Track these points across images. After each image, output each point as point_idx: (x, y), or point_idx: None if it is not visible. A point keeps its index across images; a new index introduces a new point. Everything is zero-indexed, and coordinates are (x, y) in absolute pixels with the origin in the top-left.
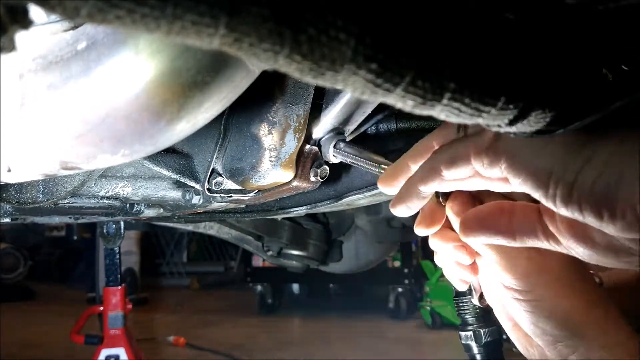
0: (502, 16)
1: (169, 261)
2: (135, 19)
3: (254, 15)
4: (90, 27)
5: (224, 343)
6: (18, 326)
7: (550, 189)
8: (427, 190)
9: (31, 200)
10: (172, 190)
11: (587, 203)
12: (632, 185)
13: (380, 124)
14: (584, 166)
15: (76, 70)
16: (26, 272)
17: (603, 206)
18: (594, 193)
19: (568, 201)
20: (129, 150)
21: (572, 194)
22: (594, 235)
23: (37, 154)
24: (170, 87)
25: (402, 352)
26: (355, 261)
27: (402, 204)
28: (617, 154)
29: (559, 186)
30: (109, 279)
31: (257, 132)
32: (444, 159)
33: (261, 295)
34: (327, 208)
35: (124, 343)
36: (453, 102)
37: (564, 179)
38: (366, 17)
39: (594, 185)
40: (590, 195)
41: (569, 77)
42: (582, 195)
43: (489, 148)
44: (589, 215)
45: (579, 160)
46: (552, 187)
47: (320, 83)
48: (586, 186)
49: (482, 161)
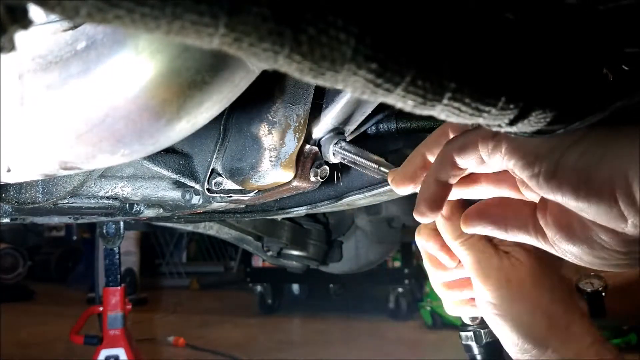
0: (502, 16)
1: (168, 261)
2: (134, 19)
3: (253, 15)
4: (89, 27)
5: (223, 343)
6: (18, 326)
7: (535, 167)
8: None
9: (31, 201)
10: (171, 191)
11: (567, 179)
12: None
13: (380, 124)
14: (569, 147)
15: (75, 70)
16: (25, 272)
17: (581, 182)
18: (574, 170)
19: (550, 179)
20: (128, 150)
21: (555, 173)
22: (575, 227)
23: (36, 154)
24: (169, 87)
25: (402, 352)
26: (355, 261)
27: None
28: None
29: (543, 164)
30: (109, 279)
31: (257, 132)
32: (457, 145)
33: (261, 295)
34: (327, 208)
35: (123, 343)
36: (453, 102)
37: (549, 158)
38: (366, 17)
39: (575, 163)
40: (571, 172)
41: (569, 77)
42: (564, 172)
43: (494, 134)
44: (567, 192)
45: (565, 143)
46: (537, 165)
47: (320, 83)
48: (568, 164)
49: (488, 146)
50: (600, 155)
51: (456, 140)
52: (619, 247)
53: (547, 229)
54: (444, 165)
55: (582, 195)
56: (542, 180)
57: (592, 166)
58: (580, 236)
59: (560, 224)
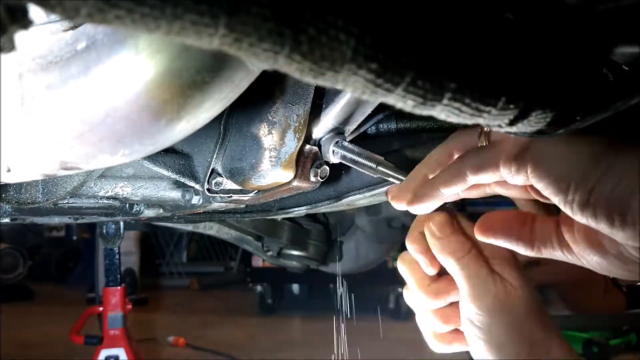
0: (502, 16)
1: (168, 261)
2: (135, 19)
3: (253, 15)
4: (89, 27)
5: (223, 343)
6: (18, 326)
7: (569, 195)
8: (448, 192)
9: (30, 201)
10: (171, 191)
11: (601, 209)
12: None
13: (380, 124)
14: (601, 177)
15: (76, 70)
16: (26, 272)
17: (616, 213)
18: (609, 201)
19: (584, 207)
20: (128, 150)
21: (588, 201)
22: (605, 244)
23: (36, 154)
24: (169, 87)
25: (402, 352)
26: (355, 261)
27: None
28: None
29: (577, 193)
30: (109, 279)
31: (257, 132)
32: (472, 165)
33: (261, 295)
34: (327, 208)
35: (123, 343)
36: (453, 102)
37: (583, 186)
38: (366, 17)
39: (609, 194)
40: (606, 203)
41: (570, 77)
42: (598, 202)
43: (518, 156)
44: (601, 221)
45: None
46: (571, 193)
47: (320, 83)
48: (602, 194)
49: (510, 168)
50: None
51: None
52: None
53: (574, 245)
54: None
55: (617, 224)
56: (577, 208)
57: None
58: (612, 253)
59: (591, 242)
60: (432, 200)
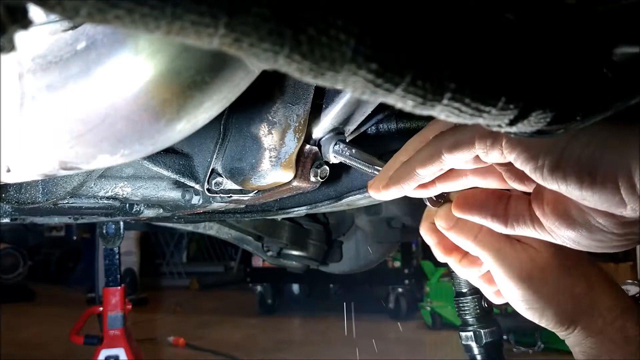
0: (502, 16)
1: (168, 261)
2: (134, 19)
3: (253, 15)
4: (89, 27)
5: (223, 343)
6: (18, 326)
7: (539, 160)
8: (424, 173)
9: (30, 201)
10: (171, 191)
11: (571, 169)
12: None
13: (380, 124)
14: (571, 140)
15: (75, 70)
16: (26, 272)
17: (585, 173)
18: (578, 161)
19: (554, 170)
20: (128, 150)
21: (558, 164)
22: (573, 213)
23: (36, 154)
24: (169, 87)
25: (402, 352)
26: (355, 261)
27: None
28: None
29: (547, 157)
30: (109, 279)
31: (257, 132)
32: (447, 143)
33: (261, 295)
34: (327, 208)
35: (123, 343)
36: (453, 102)
37: (553, 150)
38: (366, 17)
39: (579, 155)
40: (575, 163)
41: (570, 77)
42: (568, 163)
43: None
44: (571, 182)
45: (567, 135)
46: (540, 158)
47: (320, 83)
48: (572, 156)
49: (486, 142)
50: (603, 147)
51: (447, 136)
52: (617, 229)
53: (544, 219)
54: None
55: (586, 185)
56: (547, 172)
57: (596, 158)
58: (579, 222)
59: (559, 212)
60: (409, 181)
